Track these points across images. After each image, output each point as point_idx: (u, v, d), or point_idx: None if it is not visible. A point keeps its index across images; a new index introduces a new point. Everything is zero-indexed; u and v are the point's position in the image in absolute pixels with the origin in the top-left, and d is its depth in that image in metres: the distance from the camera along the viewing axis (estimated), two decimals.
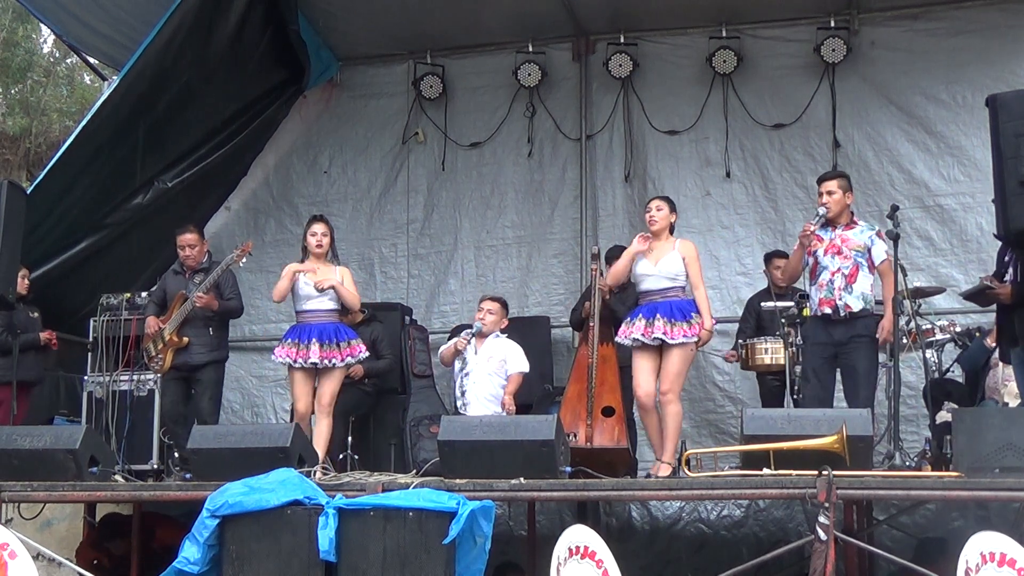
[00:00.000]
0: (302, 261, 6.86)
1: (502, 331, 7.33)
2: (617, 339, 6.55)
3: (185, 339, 7.31)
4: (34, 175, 12.22)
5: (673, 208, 6.63)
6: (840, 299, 6.32)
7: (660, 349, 6.30)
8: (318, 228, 6.86)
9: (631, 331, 6.34)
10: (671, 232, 6.60)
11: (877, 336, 6.33)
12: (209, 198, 9.49)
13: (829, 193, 6.48)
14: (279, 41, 9.02)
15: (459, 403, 7.08)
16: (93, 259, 8.62)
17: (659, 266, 6.40)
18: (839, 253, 6.42)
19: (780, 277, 7.57)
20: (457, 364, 7.16)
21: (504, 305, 7.43)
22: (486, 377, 7.10)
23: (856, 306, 6.31)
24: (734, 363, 7.93)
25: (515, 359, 7.19)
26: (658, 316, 6.26)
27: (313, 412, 6.68)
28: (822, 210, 6.45)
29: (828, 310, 6.35)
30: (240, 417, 9.41)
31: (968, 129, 8.30)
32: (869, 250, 6.42)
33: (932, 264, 8.26)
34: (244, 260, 7.32)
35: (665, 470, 6.24)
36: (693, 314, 6.31)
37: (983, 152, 7.59)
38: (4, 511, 6.07)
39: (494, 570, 6.63)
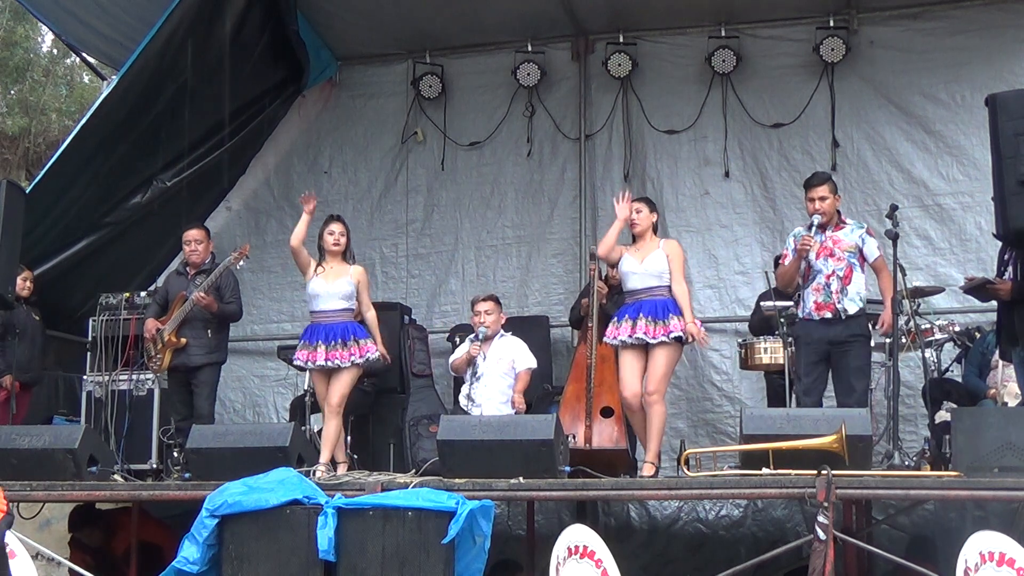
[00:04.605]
0: (319, 262, 6.82)
1: (504, 328, 7.31)
2: (605, 339, 6.45)
3: (183, 340, 7.28)
4: (33, 175, 12.24)
5: (653, 208, 6.59)
6: (839, 303, 6.29)
7: (646, 349, 6.24)
8: (335, 227, 6.83)
9: (618, 332, 6.27)
10: (655, 232, 6.57)
11: (878, 328, 6.33)
12: (208, 197, 9.49)
13: (821, 199, 6.43)
14: (278, 41, 9.02)
15: (466, 405, 7.02)
16: (92, 258, 8.62)
17: (644, 264, 6.34)
18: (832, 255, 6.39)
19: (778, 283, 7.43)
20: (468, 369, 7.17)
21: (497, 301, 7.37)
22: (498, 379, 7.07)
23: (853, 308, 6.30)
24: (733, 363, 7.93)
25: (523, 357, 7.19)
26: (641, 315, 6.21)
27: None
28: (817, 218, 6.40)
29: (828, 314, 6.31)
30: (242, 416, 9.40)
31: (967, 129, 8.28)
32: (860, 249, 6.42)
33: (931, 263, 8.25)
34: (242, 263, 7.30)
35: (649, 470, 6.21)
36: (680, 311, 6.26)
37: (982, 152, 7.58)
38: None
39: (494, 569, 6.63)
